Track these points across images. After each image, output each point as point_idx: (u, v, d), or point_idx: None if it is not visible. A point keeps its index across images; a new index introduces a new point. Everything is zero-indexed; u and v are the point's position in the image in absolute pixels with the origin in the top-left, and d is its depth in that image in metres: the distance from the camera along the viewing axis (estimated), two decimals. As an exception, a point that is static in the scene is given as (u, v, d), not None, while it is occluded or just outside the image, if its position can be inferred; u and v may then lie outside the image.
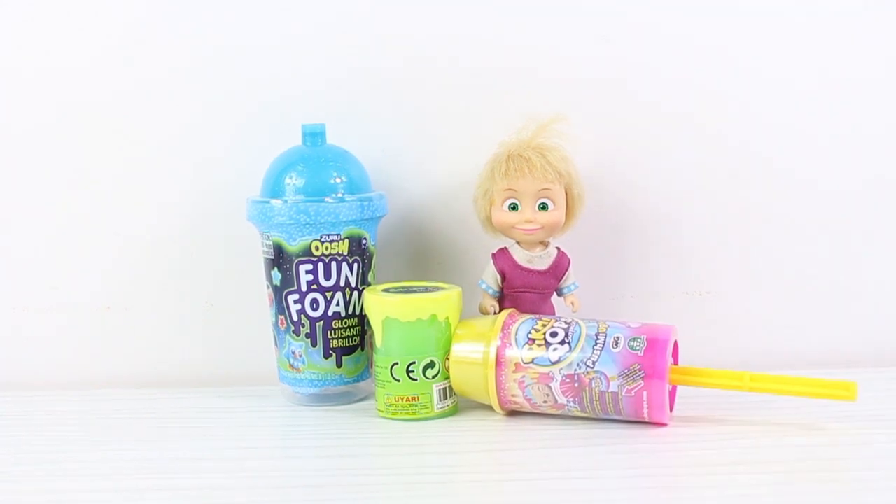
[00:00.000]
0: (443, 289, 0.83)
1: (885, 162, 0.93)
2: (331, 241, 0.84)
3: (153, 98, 0.93)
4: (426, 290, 0.83)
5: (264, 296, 0.89)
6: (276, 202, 0.84)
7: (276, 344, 0.88)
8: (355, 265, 0.85)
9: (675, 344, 0.80)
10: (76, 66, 0.93)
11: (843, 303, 0.94)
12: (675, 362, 0.81)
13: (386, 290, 0.83)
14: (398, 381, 0.81)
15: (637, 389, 0.76)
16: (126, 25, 0.93)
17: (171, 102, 0.93)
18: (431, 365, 0.81)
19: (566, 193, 0.85)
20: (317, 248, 0.84)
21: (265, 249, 0.86)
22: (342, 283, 0.85)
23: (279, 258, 0.85)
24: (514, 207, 0.84)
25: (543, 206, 0.84)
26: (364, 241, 0.86)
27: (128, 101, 0.93)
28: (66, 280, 0.94)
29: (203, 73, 0.92)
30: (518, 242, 0.85)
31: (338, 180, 0.85)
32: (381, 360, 0.82)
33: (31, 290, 0.95)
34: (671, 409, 0.80)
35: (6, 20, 0.93)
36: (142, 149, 0.93)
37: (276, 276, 0.85)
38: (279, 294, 0.86)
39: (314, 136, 0.87)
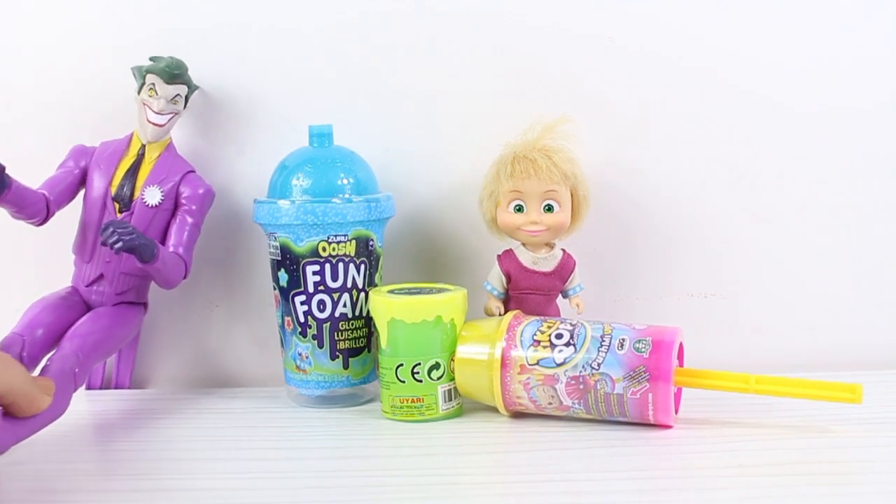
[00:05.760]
0: (448, 290, 0.83)
1: (892, 168, 0.93)
2: (338, 242, 0.84)
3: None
4: (431, 291, 0.83)
5: (270, 297, 0.89)
6: (282, 203, 0.84)
7: (282, 345, 0.88)
8: (362, 266, 0.86)
9: (681, 346, 0.80)
10: (84, 67, 0.93)
11: (849, 305, 0.94)
12: (681, 364, 0.81)
13: (391, 292, 0.83)
14: (403, 382, 0.81)
15: (642, 391, 0.76)
16: (130, 26, 0.93)
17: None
18: (436, 366, 0.81)
19: (572, 195, 0.85)
20: (324, 249, 0.84)
21: (272, 250, 0.86)
22: (349, 285, 0.85)
23: (286, 259, 0.85)
24: (519, 209, 0.84)
25: (549, 208, 0.84)
26: (371, 243, 0.86)
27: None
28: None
29: (209, 73, 0.92)
30: (523, 244, 0.86)
31: (345, 181, 0.85)
32: (386, 362, 0.82)
33: (34, 290, 0.95)
34: (676, 412, 0.80)
35: (11, 20, 0.93)
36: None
37: (283, 277, 0.86)
38: (286, 295, 0.86)
39: (321, 136, 0.87)
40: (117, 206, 0.87)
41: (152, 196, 0.87)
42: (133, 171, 0.88)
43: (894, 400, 0.82)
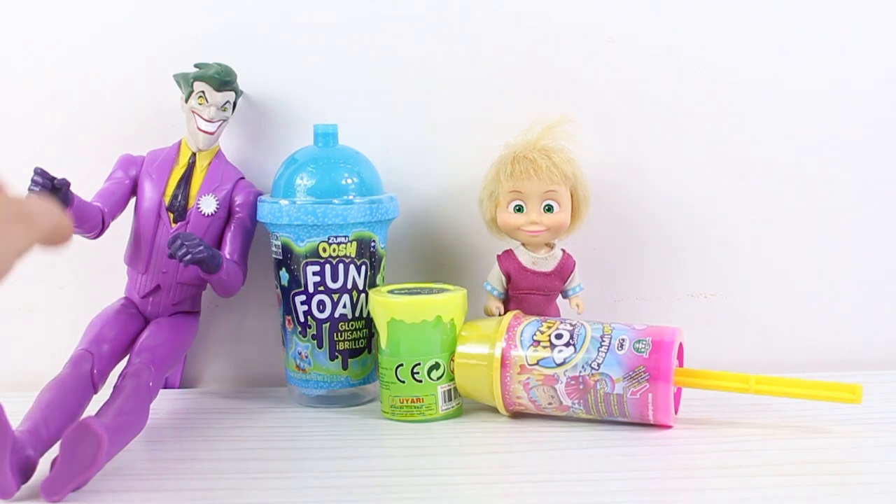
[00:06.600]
0: (448, 290, 0.83)
1: (892, 169, 0.93)
2: (338, 243, 0.84)
3: (162, 98, 0.93)
4: (431, 291, 0.83)
5: (272, 296, 0.89)
6: (284, 202, 0.84)
7: (283, 344, 0.88)
8: (363, 267, 0.85)
9: (680, 346, 0.80)
10: (87, 67, 0.93)
11: (849, 306, 0.94)
12: (680, 364, 0.81)
13: (391, 292, 0.83)
14: (403, 382, 0.81)
15: (642, 391, 0.76)
16: (134, 27, 0.93)
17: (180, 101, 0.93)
18: (436, 366, 0.81)
19: (571, 195, 0.85)
20: (324, 250, 0.84)
21: (274, 249, 0.86)
22: (349, 286, 0.85)
23: (287, 259, 0.85)
24: (519, 209, 0.84)
25: (549, 208, 0.84)
26: (373, 244, 0.86)
27: (136, 102, 0.93)
28: (73, 280, 0.95)
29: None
30: (523, 244, 0.86)
31: (348, 181, 0.85)
32: (386, 362, 0.82)
33: (37, 291, 0.95)
34: (676, 412, 0.80)
35: (16, 20, 0.93)
36: (149, 149, 0.93)
37: (284, 276, 0.86)
38: (286, 294, 0.86)
39: (326, 136, 0.87)
40: (171, 215, 0.86)
41: (208, 205, 0.86)
42: (186, 180, 0.87)
43: (894, 400, 0.82)
